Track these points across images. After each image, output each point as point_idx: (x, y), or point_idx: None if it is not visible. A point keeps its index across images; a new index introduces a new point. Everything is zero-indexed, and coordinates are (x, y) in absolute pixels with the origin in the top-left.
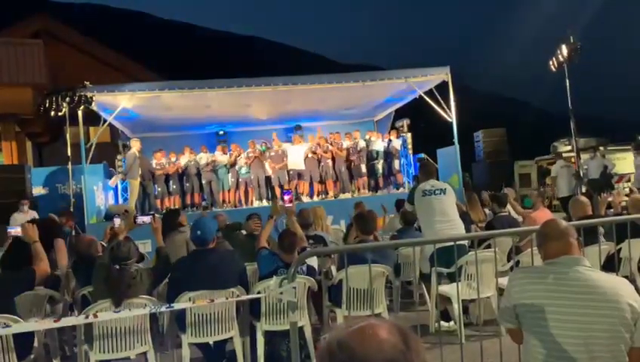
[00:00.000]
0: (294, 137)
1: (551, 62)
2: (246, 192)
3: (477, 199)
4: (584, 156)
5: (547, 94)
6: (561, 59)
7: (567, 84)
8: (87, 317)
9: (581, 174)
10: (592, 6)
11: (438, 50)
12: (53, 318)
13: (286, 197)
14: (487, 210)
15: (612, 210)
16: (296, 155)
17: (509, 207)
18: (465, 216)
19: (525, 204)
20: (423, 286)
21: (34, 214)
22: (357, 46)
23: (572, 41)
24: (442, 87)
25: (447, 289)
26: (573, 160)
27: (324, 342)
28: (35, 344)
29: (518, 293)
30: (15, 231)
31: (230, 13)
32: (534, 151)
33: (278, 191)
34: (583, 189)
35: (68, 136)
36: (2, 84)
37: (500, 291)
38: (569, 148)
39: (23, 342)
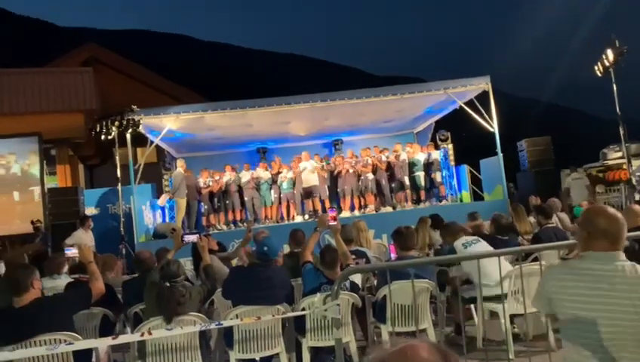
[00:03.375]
0: (303, 154)
1: (596, 67)
2: (288, 208)
3: (523, 210)
4: (636, 162)
5: (596, 99)
6: (606, 63)
7: (615, 88)
8: (142, 334)
9: (634, 182)
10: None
11: (476, 57)
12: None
13: (330, 215)
14: (532, 219)
15: None
16: (308, 172)
17: (555, 218)
18: (511, 228)
19: (576, 213)
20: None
21: (91, 235)
22: (393, 58)
23: (617, 44)
24: (483, 96)
25: (494, 304)
26: (624, 166)
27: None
28: (93, 360)
29: (553, 287)
30: (72, 252)
31: (266, 32)
32: (583, 159)
33: (318, 205)
34: (637, 197)
35: (117, 158)
36: (56, 111)
37: None
38: (619, 154)
39: (81, 359)
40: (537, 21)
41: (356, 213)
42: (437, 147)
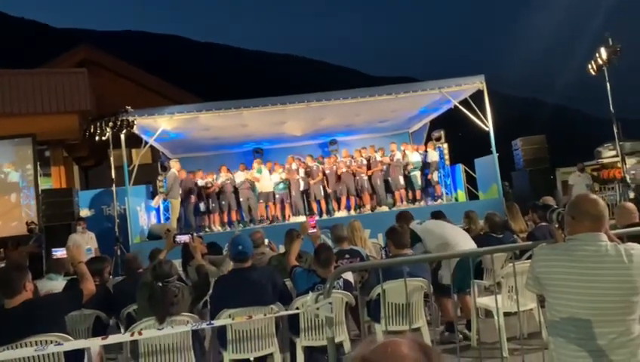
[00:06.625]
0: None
1: (590, 66)
2: (283, 208)
3: (518, 209)
4: (630, 161)
5: (591, 98)
6: (600, 62)
7: (608, 87)
8: (132, 334)
9: (628, 180)
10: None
11: (470, 55)
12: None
13: (310, 223)
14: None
15: None
16: (267, 179)
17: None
18: (506, 226)
19: None
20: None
21: (92, 235)
22: (388, 58)
23: (611, 43)
24: (478, 96)
25: (487, 301)
26: (618, 164)
27: (349, 358)
28: (85, 361)
29: (542, 267)
30: (61, 253)
31: (263, 32)
32: (578, 157)
33: (314, 206)
34: (631, 195)
35: (112, 159)
36: (51, 112)
37: (542, 303)
38: (613, 153)
39: (73, 360)
40: (534, 21)
41: (352, 212)
42: (434, 147)
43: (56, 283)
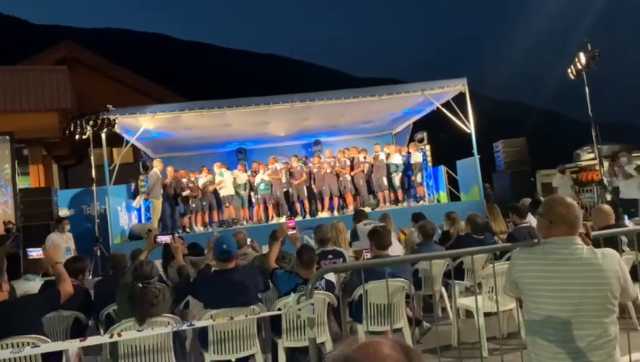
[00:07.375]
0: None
1: (569, 70)
2: (266, 209)
3: (498, 210)
4: (607, 164)
5: (572, 101)
6: (579, 66)
7: (587, 91)
8: (111, 336)
9: (605, 183)
10: (616, 9)
11: (455, 58)
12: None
13: (289, 224)
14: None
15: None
16: (229, 182)
17: (529, 217)
18: (486, 228)
19: None
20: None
21: (69, 235)
22: (372, 59)
23: (590, 48)
24: (461, 98)
25: (468, 302)
26: (596, 167)
27: (330, 357)
28: None
29: (519, 271)
30: (37, 253)
31: (247, 32)
32: (558, 159)
33: (298, 207)
34: (608, 198)
35: (92, 158)
36: (30, 110)
37: (521, 303)
38: (592, 155)
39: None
40: (520, 25)
41: (336, 213)
42: (417, 149)
43: (34, 284)
